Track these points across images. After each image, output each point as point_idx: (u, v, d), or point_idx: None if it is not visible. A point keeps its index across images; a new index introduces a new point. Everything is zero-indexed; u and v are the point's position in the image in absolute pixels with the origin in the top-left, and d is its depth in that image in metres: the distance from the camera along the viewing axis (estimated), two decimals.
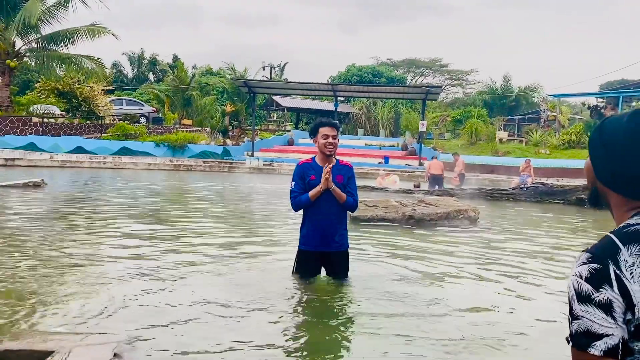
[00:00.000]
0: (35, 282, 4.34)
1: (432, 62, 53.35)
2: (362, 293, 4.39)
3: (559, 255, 6.65)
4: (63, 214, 8.64)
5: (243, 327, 3.50)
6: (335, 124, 4.29)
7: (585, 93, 35.08)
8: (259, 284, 4.57)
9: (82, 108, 28.38)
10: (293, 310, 3.97)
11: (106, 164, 23.79)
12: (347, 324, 3.73)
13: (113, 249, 5.84)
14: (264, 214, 10.03)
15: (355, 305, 4.08)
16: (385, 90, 32.83)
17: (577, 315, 1.06)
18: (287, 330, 3.54)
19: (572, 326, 1.07)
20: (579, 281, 1.07)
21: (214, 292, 4.22)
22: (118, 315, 3.66)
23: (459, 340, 3.39)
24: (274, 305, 4.00)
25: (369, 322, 3.70)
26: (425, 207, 9.48)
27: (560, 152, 26.92)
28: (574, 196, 14.33)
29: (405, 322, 3.71)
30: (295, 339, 3.41)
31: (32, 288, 4.16)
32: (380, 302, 4.19)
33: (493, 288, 4.85)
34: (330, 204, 4.19)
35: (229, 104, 38.16)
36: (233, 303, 3.95)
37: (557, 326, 3.74)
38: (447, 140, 34.16)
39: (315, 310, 3.96)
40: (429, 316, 3.87)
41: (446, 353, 3.17)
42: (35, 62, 28.75)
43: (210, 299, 4.03)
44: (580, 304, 1.06)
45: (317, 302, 4.14)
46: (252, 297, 4.12)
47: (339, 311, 3.96)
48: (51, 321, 3.45)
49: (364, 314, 3.89)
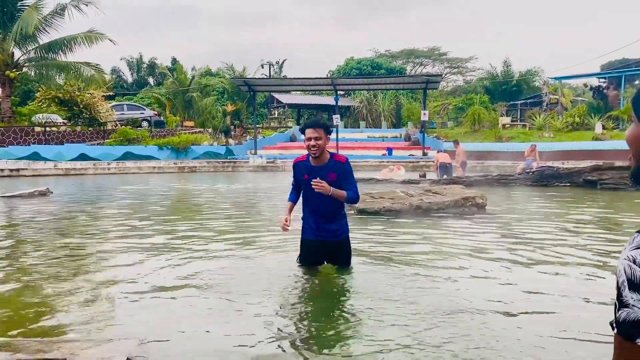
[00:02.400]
0: (45, 289, 4.33)
1: (431, 51, 53.15)
2: (371, 288, 4.36)
3: (568, 238, 6.59)
4: (70, 220, 8.64)
5: (249, 326, 3.47)
6: (318, 124, 4.24)
7: (586, 74, 34.84)
8: (267, 280, 4.54)
9: (84, 115, 28.42)
10: (299, 306, 3.94)
11: (110, 169, 23.83)
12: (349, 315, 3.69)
13: (121, 254, 5.82)
14: (268, 210, 10.00)
15: (364, 301, 4.04)
16: (385, 82, 32.73)
17: (627, 303, 0.99)
18: (294, 328, 3.51)
19: (620, 313, 1.00)
20: (631, 266, 0.98)
21: (223, 294, 4.20)
22: (128, 320, 3.64)
23: (480, 338, 3.34)
24: (281, 301, 3.97)
25: (374, 315, 3.66)
26: (432, 197, 9.43)
27: (565, 135, 26.78)
28: (581, 178, 14.25)
29: (420, 315, 3.67)
30: (297, 335, 3.38)
31: (43, 294, 4.15)
32: (386, 298, 4.15)
33: (508, 276, 4.80)
34: (322, 194, 4.21)
35: (230, 103, 38.17)
36: (240, 301, 3.92)
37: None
38: (450, 128, 34.05)
39: (321, 311, 3.92)
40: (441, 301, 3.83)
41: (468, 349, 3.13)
42: (35, 72, 28.80)
43: (218, 300, 4.01)
44: (632, 292, 0.98)
45: (321, 301, 4.11)
46: (260, 296, 4.10)
47: (344, 307, 3.93)
48: (62, 327, 3.43)
49: (371, 313, 3.85)
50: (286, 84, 34.15)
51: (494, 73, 42.03)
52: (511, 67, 41.83)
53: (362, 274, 4.74)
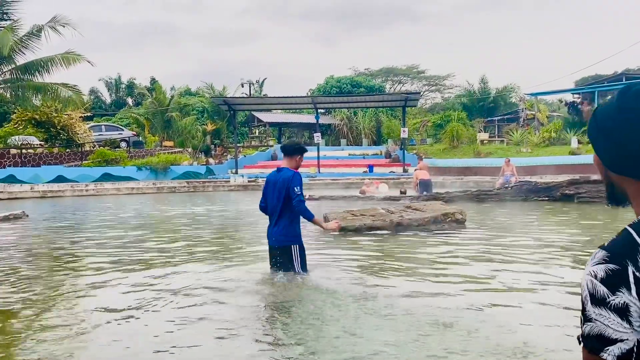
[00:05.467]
0: (18, 316, 4.21)
1: (410, 69, 53.86)
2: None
3: (545, 250, 6.65)
4: (45, 244, 8.46)
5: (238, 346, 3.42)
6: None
7: (561, 90, 35.55)
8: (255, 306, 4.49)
9: (61, 136, 28.06)
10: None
11: (88, 191, 23.46)
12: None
13: (99, 277, 5.71)
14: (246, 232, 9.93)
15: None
16: (365, 100, 33.01)
17: (590, 317, 0.99)
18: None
19: (584, 327, 1.01)
20: (593, 282, 1.00)
21: (209, 311, 4.14)
22: (115, 345, 3.55)
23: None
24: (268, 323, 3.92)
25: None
26: (412, 213, 9.47)
27: (542, 150, 27.22)
28: (558, 192, 14.46)
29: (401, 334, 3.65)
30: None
31: (18, 319, 4.03)
32: (367, 312, 4.13)
33: (486, 285, 4.82)
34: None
35: (210, 122, 38.04)
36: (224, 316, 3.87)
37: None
38: (429, 145, 34.37)
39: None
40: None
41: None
42: (11, 94, 28.35)
43: (205, 317, 3.95)
44: (594, 307, 0.99)
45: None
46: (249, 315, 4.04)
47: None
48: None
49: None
50: (267, 103, 34.18)
51: (471, 90, 42.71)
52: (488, 84, 42.59)
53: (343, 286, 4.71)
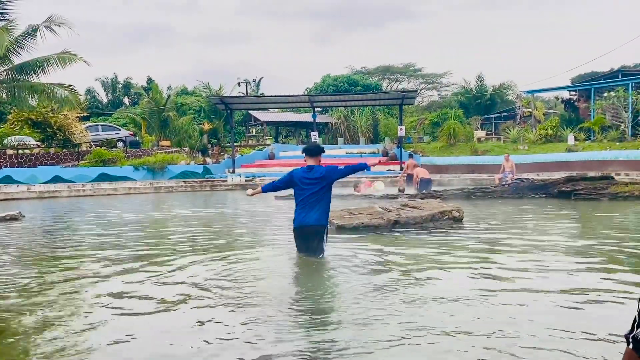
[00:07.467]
0: (20, 318, 4.19)
1: (406, 67, 53.89)
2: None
3: (542, 246, 6.66)
4: (41, 245, 8.43)
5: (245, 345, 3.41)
6: None
7: (557, 87, 35.60)
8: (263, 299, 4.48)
9: (58, 137, 27.97)
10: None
11: (85, 191, 23.40)
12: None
13: (99, 278, 5.69)
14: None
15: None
16: (361, 98, 33.01)
17: None
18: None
19: (638, 330, 0.98)
20: None
21: (215, 308, 4.12)
22: (119, 346, 3.54)
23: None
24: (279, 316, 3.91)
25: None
26: (409, 211, 9.47)
27: (538, 147, 27.27)
28: (555, 189, 14.49)
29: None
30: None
31: (20, 323, 4.01)
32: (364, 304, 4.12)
33: (484, 282, 4.82)
34: None
35: (207, 122, 37.99)
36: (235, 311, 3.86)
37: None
38: (426, 143, 34.39)
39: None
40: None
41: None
42: (6, 94, 28.28)
43: (210, 318, 3.94)
44: None
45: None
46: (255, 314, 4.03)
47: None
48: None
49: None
50: (263, 102, 34.14)
51: (468, 88, 42.77)
52: (484, 82, 42.67)
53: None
